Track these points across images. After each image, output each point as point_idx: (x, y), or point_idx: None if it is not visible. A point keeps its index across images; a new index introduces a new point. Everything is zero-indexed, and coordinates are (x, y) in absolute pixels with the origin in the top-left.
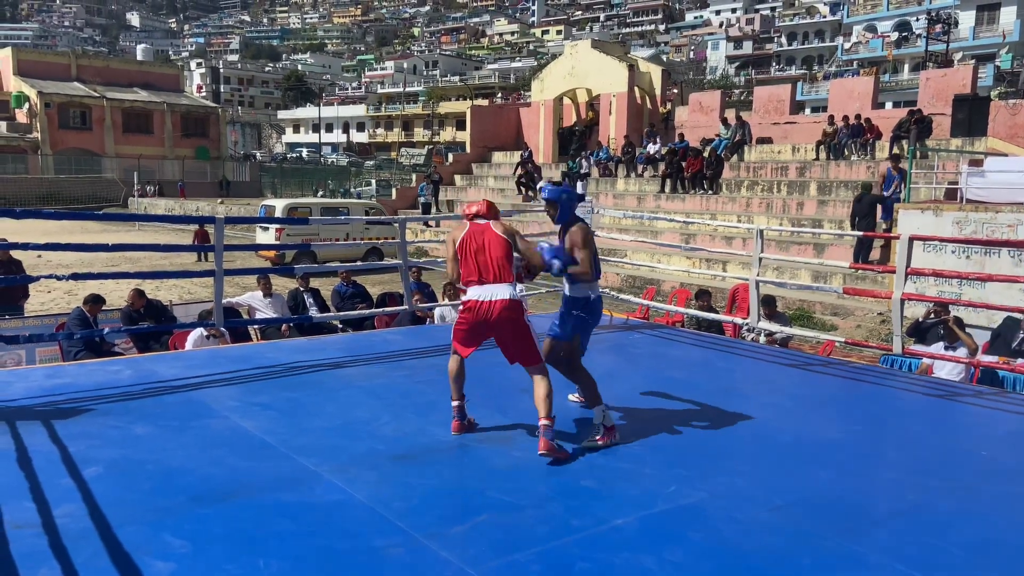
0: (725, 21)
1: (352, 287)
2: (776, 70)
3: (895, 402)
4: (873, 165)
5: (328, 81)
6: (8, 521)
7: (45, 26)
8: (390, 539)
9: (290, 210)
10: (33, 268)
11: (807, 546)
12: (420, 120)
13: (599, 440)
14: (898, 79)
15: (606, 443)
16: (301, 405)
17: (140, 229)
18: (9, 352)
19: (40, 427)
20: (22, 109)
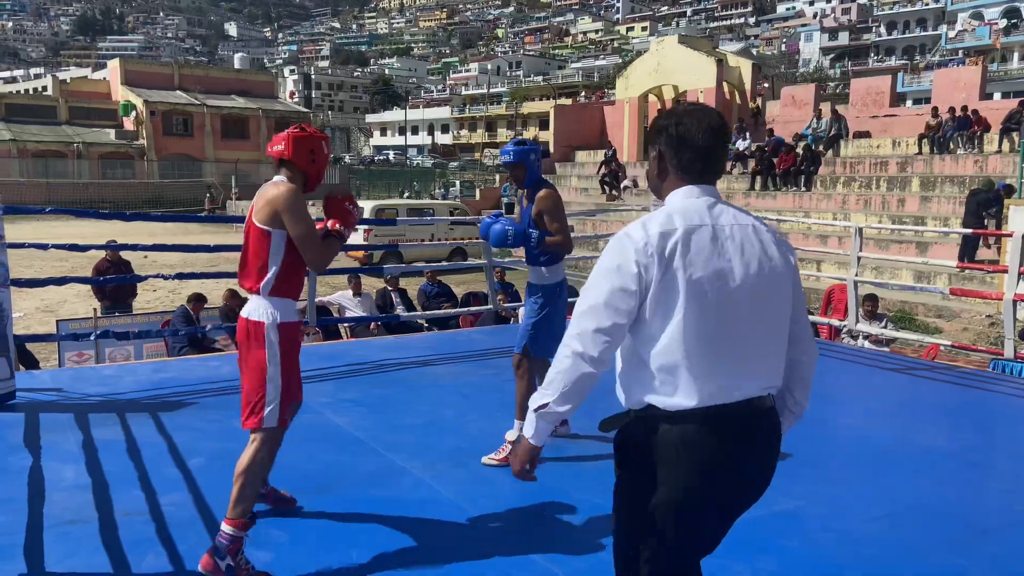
0: (819, 11)
1: (438, 287)
2: (874, 61)
3: (1006, 409)
4: (981, 159)
5: (414, 84)
6: (119, 509)
7: (149, 38)
8: (476, 536)
9: (378, 211)
10: (140, 268)
11: (908, 558)
12: (504, 121)
13: (498, 458)
14: (1007, 68)
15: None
16: (390, 402)
17: (236, 231)
18: (119, 347)
19: (147, 419)
20: (129, 117)
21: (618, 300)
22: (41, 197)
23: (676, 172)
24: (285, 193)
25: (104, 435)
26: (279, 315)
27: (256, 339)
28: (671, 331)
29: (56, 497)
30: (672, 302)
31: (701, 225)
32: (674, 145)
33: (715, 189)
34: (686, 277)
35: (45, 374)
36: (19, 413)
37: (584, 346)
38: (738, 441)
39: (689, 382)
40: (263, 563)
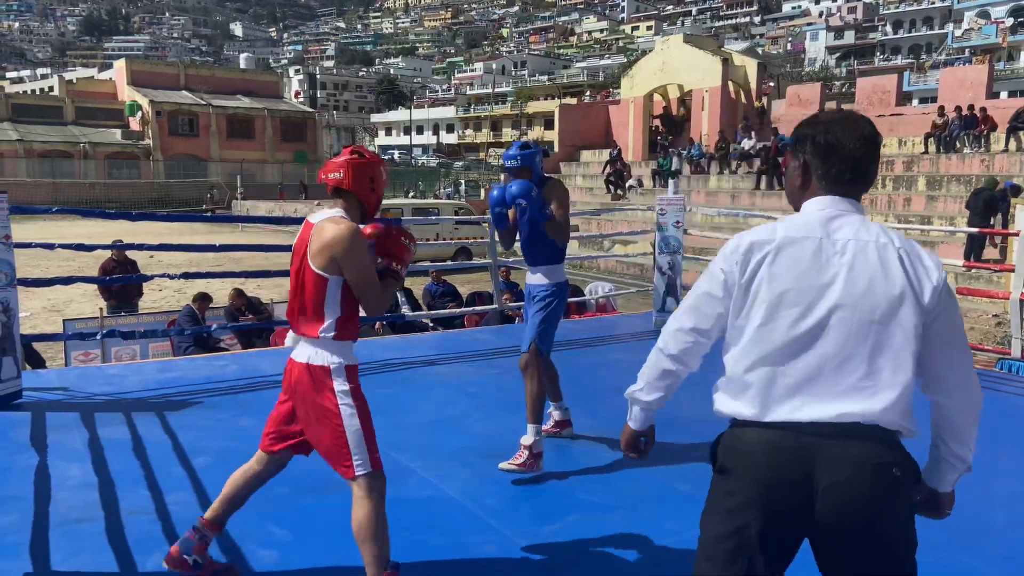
0: (825, 10)
1: (443, 286)
2: (880, 60)
3: (1013, 409)
4: (988, 158)
5: (419, 84)
6: (124, 507)
7: (155, 38)
8: (482, 536)
9: (383, 211)
10: (146, 268)
11: (916, 558)
12: (508, 120)
13: (519, 464)
14: (1014, 67)
15: (526, 469)
16: (395, 402)
17: (242, 230)
18: (125, 347)
19: (153, 418)
20: (135, 117)
21: (704, 303)
22: (47, 197)
23: (822, 183)
24: (346, 237)
25: (110, 434)
26: (343, 359)
27: (321, 386)
28: (743, 339)
29: (62, 496)
30: (749, 311)
31: (805, 238)
32: (822, 155)
33: (856, 202)
34: (766, 288)
35: (51, 373)
36: (26, 412)
37: (666, 342)
38: (791, 461)
39: (751, 391)
40: (267, 563)
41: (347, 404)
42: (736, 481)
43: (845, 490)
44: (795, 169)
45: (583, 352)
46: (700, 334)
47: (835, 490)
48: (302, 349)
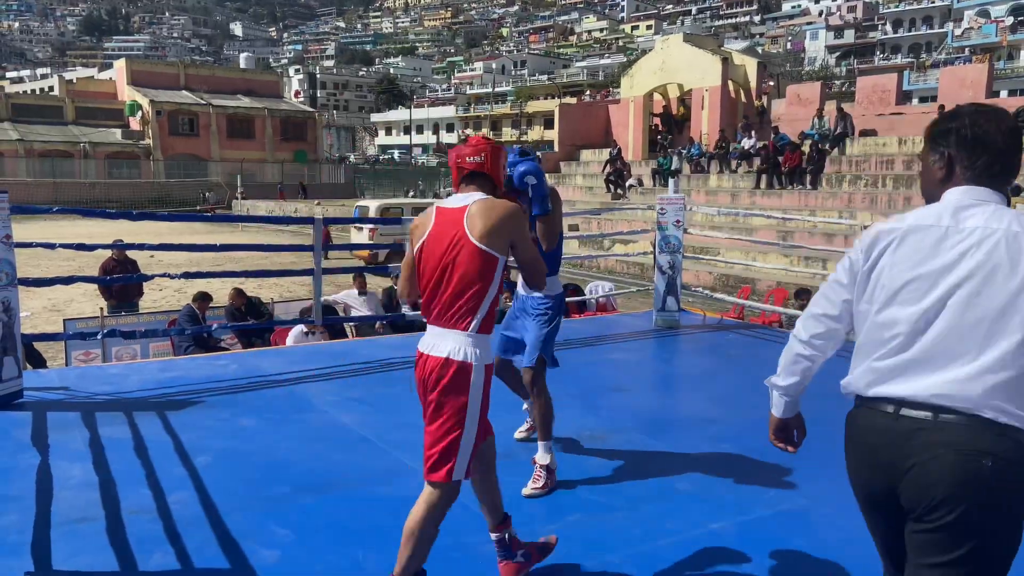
0: (825, 9)
1: None
2: (880, 59)
3: None
4: None
5: (419, 84)
6: (125, 507)
7: (155, 38)
8: (483, 535)
9: (383, 210)
10: (147, 267)
11: None
12: (508, 120)
13: (542, 487)
14: (1014, 66)
15: (548, 491)
16: (396, 401)
17: (243, 230)
18: (126, 346)
19: (154, 418)
20: (135, 117)
21: (831, 290)
22: (48, 197)
23: (967, 174)
24: (517, 213)
25: (111, 434)
26: (485, 355)
27: (460, 383)
28: (866, 322)
29: (63, 495)
30: (871, 296)
31: (931, 226)
32: (968, 147)
33: (997, 192)
34: (887, 274)
35: (52, 373)
36: (26, 412)
37: (798, 328)
38: (887, 442)
39: (863, 368)
40: (269, 562)
41: (475, 408)
42: (848, 457)
43: (922, 472)
44: (936, 162)
45: (583, 351)
46: (829, 319)
47: (915, 471)
48: (442, 342)
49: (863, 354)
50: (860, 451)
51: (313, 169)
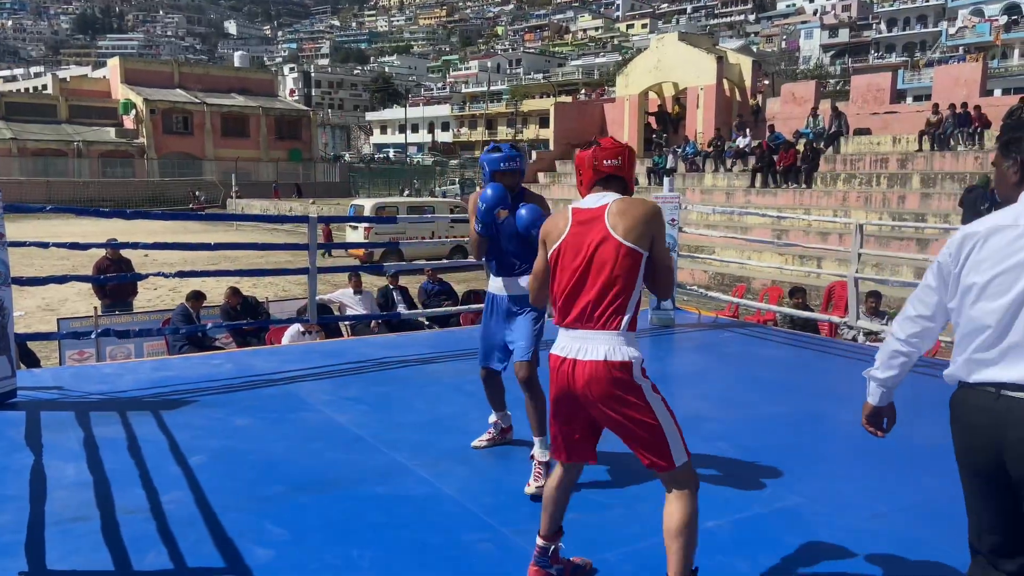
0: (820, 8)
1: (438, 284)
2: (875, 58)
3: None
4: (982, 156)
5: (414, 82)
6: (120, 506)
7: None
8: (479, 534)
9: (378, 209)
10: (141, 266)
11: (911, 555)
12: (504, 118)
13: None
14: (1008, 65)
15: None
16: (391, 400)
17: (238, 229)
18: (120, 346)
19: (148, 417)
20: (129, 116)
21: (924, 293)
22: (41, 195)
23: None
24: (659, 212)
25: (105, 433)
26: (639, 353)
27: (627, 382)
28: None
29: (57, 495)
30: (963, 294)
31: (1009, 226)
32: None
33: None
34: (973, 273)
35: (46, 372)
36: (20, 411)
37: (896, 327)
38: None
39: (963, 359)
40: (263, 561)
41: (654, 397)
42: (956, 438)
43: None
44: (1010, 168)
45: None
46: (924, 319)
47: (1019, 444)
48: (591, 345)
49: (962, 347)
50: (966, 431)
51: (308, 168)
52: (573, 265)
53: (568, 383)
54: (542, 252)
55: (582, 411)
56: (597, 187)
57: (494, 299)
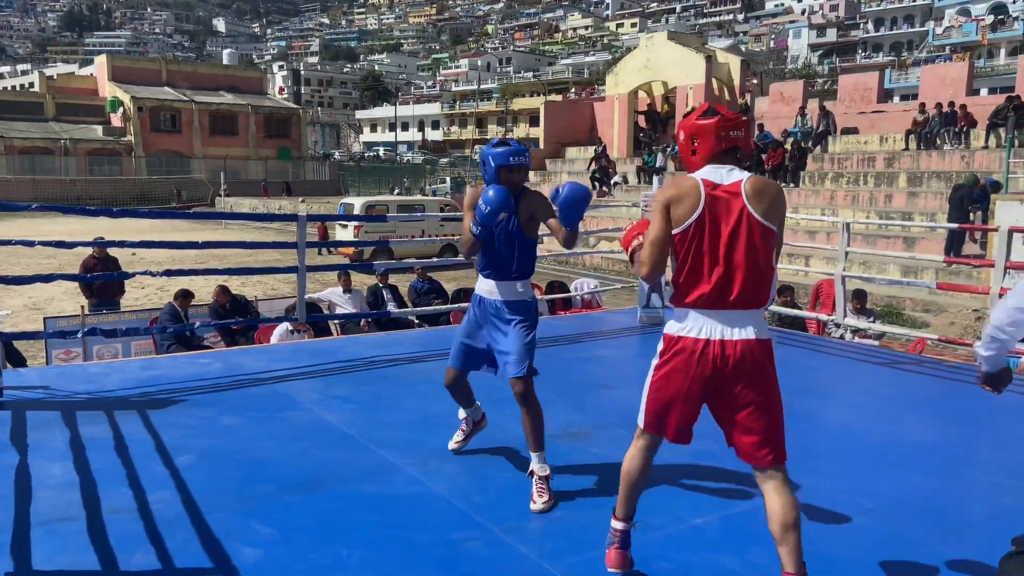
0: (807, 8)
1: (428, 283)
2: (862, 57)
3: (992, 402)
4: (968, 155)
5: (404, 80)
6: (106, 506)
7: (137, 33)
8: (468, 532)
9: (368, 208)
10: (128, 265)
11: (897, 550)
12: (494, 117)
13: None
14: (994, 64)
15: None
16: (380, 398)
17: (226, 227)
18: (107, 345)
19: (136, 417)
20: (117, 113)
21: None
22: (28, 194)
23: None
24: (783, 193)
25: (92, 433)
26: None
27: (769, 359)
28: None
29: (43, 495)
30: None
31: None
32: None
33: None
34: None
35: (32, 372)
36: (6, 411)
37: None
38: None
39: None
40: (251, 561)
41: (776, 383)
42: None
43: None
44: None
45: (569, 348)
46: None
47: None
48: (740, 323)
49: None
50: None
51: (297, 166)
52: (714, 244)
53: (712, 364)
54: (662, 221)
55: (713, 393)
56: (720, 157)
57: (483, 301)
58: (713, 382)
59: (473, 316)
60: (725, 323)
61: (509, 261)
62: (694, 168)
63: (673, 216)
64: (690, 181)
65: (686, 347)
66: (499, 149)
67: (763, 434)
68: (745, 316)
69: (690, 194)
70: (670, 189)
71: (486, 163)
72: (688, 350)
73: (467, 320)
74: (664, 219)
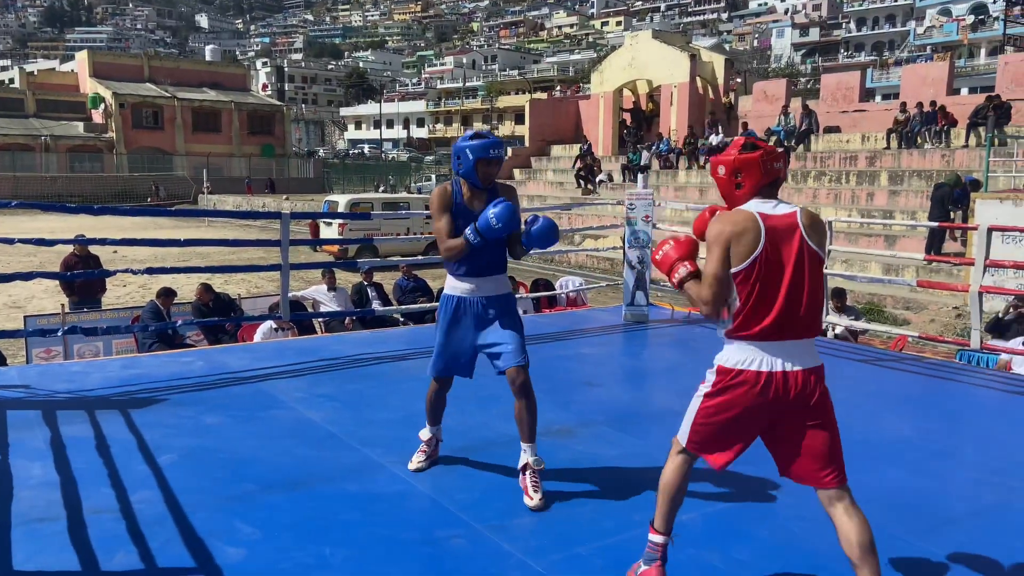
0: (791, 7)
1: (413, 281)
2: (844, 57)
3: (972, 399)
4: (948, 154)
5: (389, 78)
6: (87, 506)
7: (119, 29)
8: (452, 530)
9: (353, 206)
10: (110, 263)
11: (878, 546)
12: (479, 115)
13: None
14: (974, 64)
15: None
16: (365, 397)
17: (209, 225)
18: (88, 343)
19: (117, 416)
20: (98, 110)
21: None
22: (8, 191)
23: None
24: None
25: (72, 432)
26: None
27: (824, 386)
28: None
29: (24, 495)
30: None
31: None
32: None
33: None
34: None
35: (12, 370)
36: None
37: None
38: None
39: None
40: (234, 561)
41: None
42: None
43: None
44: None
45: (554, 345)
46: None
47: None
48: (806, 354)
49: None
50: None
51: (281, 163)
52: (777, 277)
53: (775, 395)
54: (722, 255)
55: (771, 423)
56: (767, 190)
57: (462, 302)
58: (773, 414)
59: (451, 320)
60: (786, 355)
61: (492, 257)
62: (738, 202)
63: (733, 252)
64: (746, 215)
65: (747, 380)
66: (476, 142)
67: (825, 457)
68: (805, 345)
69: (749, 228)
70: (727, 224)
71: (461, 156)
72: (749, 383)
73: (444, 325)
74: (724, 254)
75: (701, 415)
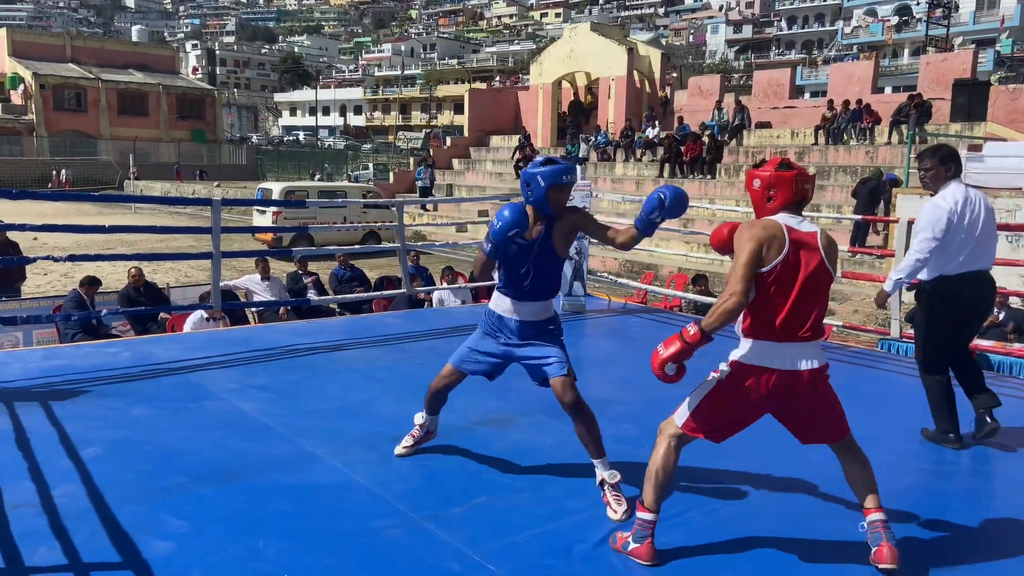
0: (725, 4)
1: (350, 270)
2: (776, 54)
3: (892, 386)
4: (872, 150)
5: (325, 64)
6: (7, 501)
7: (39, 6)
8: (389, 520)
9: (287, 193)
10: (29, 250)
11: (803, 526)
12: (418, 103)
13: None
14: (898, 63)
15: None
16: (300, 387)
17: (136, 212)
18: (6, 334)
19: (38, 408)
20: (17, 91)
21: None
22: None
23: None
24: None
25: None
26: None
27: (824, 382)
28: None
29: None
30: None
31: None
32: None
33: None
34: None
35: None
36: None
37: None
38: None
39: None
40: (162, 554)
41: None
42: None
43: None
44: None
45: None
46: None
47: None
48: (812, 354)
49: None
50: None
51: (213, 149)
52: (796, 286)
53: (784, 390)
54: (753, 250)
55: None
56: (795, 207)
57: (502, 319)
58: (778, 405)
59: (491, 330)
60: (795, 354)
61: (536, 281)
62: (767, 213)
63: (764, 256)
64: (776, 224)
65: (758, 376)
66: (548, 168)
67: (830, 422)
68: (811, 347)
69: (778, 236)
70: (760, 230)
71: (532, 183)
72: (760, 379)
73: (481, 330)
74: (756, 253)
75: (709, 403)
